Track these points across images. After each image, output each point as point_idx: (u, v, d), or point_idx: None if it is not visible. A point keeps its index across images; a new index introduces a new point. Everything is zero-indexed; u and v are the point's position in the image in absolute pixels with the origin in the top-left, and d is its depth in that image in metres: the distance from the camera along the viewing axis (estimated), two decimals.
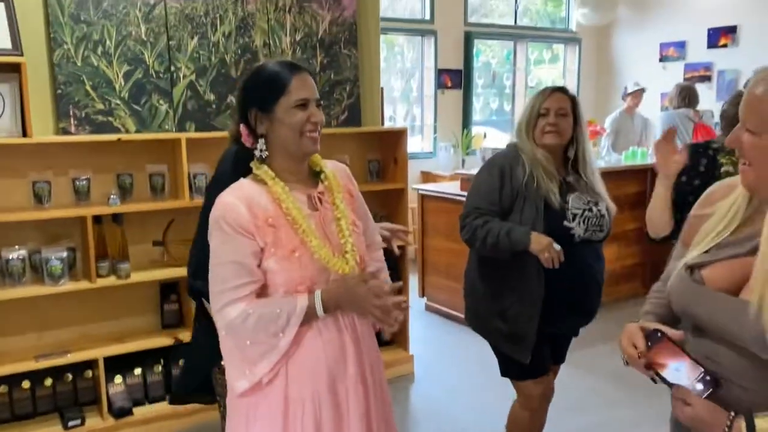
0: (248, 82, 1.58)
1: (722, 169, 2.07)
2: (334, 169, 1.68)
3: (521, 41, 7.56)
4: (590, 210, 2.21)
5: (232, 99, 3.29)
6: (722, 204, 1.24)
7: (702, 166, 2.11)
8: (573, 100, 2.25)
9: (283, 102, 1.51)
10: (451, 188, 4.75)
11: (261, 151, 1.55)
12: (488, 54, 7.65)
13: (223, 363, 1.60)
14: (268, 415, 1.51)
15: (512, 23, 7.51)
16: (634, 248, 5.00)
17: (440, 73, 6.86)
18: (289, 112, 1.51)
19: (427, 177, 6.54)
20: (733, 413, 1.11)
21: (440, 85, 6.88)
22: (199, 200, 3.07)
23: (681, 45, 7.05)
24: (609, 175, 3.33)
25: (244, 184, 1.55)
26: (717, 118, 5.25)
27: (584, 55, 7.93)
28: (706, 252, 1.22)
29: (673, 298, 1.27)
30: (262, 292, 1.52)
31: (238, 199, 1.50)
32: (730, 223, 1.21)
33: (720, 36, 6.69)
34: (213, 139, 3.21)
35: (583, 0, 7.51)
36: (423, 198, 4.90)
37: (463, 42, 6.97)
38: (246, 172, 1.59)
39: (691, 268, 1.22)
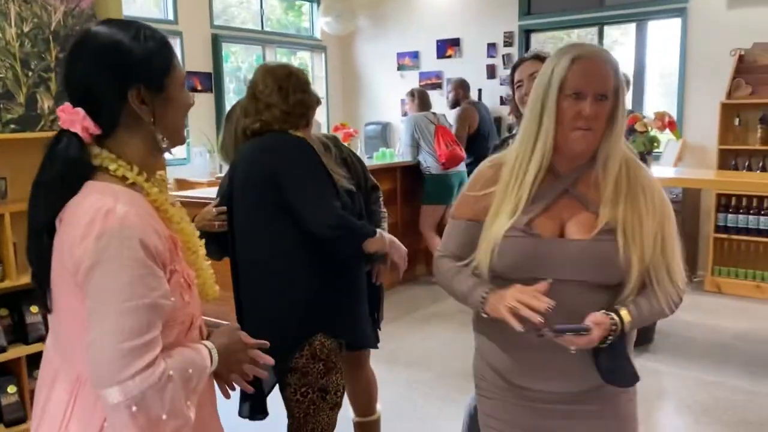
0: (124, 46, 1.16)
1: None
2: None
3: (269, 46, 7.62)
4: None
5: None
6: (505, 178, 1.48)
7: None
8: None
9: (173, 77, 1.21)
10: (213, 193, 4.58)
11: (162, 140, 1.22)
12: (238, 58, 7.56)
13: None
14: None
15: (259, 28, 7.53)
16: None
17: (189, 75, 6.60)
18: (183, 90, 1.22)
19: (182, 184, 6.22)
20: (612, 314, 1.38)
21: (190, 88, 6.62)
22: None
23: (415, 55, 7.74)
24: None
25: (125, 192, 1.15)
26: (451, 120, 5.89)
27: (330, 63, 8.27)
28: (524, 215, 1.43)
29: (510, 258, 1.43)
30: None
31: (140, 215, 1.11)
32: (524, 187, 1.44)
33: (447, 47, 7.50)
34: None
35: (326, 9, 7.83)
36: (182, 205, 4.64)
37: (210, 44, 6.80)
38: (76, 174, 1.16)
39: (524, 229, 1.43)
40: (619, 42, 7.03)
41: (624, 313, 1.39)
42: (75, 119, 1.17)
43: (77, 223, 1.09)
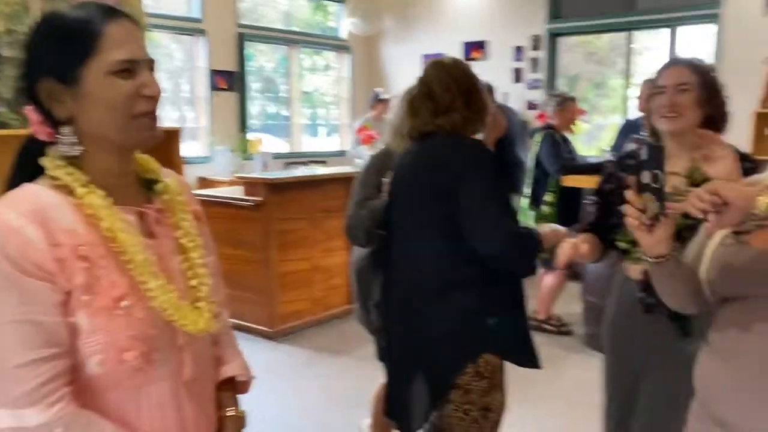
0: (35, 37, 1.01)
1: None
2: (173, 179, 1.18)
3: (294, 47, 7.60)
4: None
5: None
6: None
7: None
8: None
9: (94, 65, 0.97)
10: (234, 193, 4.57)
11: (71, 145, 1.00)
12: (262, 58, 7.57)
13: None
14: None
15: (285, 28, 7.52)
16: None
17: (213, 74, 6.61)
18: (107, 82, 0.97)
19: (204, 182, 6.24)
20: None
21: (214, 86, 6.63)
22: None
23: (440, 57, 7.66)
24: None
25: (33, 193, 0.99)
26: None
27: (356, 64, 8.24)
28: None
29: (714, 264, 1.28)
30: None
31: (25, 216, 0.94)
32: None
33: (472, 50, 7.41)
34: None
35: (353, 10, 7.80)
36: (203, 204, 4.62)
37: (236, 43, 6.80)
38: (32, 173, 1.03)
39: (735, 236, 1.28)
40: (648, 48, 6.89)
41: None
42: (32, 118, 1.03)
43: None
